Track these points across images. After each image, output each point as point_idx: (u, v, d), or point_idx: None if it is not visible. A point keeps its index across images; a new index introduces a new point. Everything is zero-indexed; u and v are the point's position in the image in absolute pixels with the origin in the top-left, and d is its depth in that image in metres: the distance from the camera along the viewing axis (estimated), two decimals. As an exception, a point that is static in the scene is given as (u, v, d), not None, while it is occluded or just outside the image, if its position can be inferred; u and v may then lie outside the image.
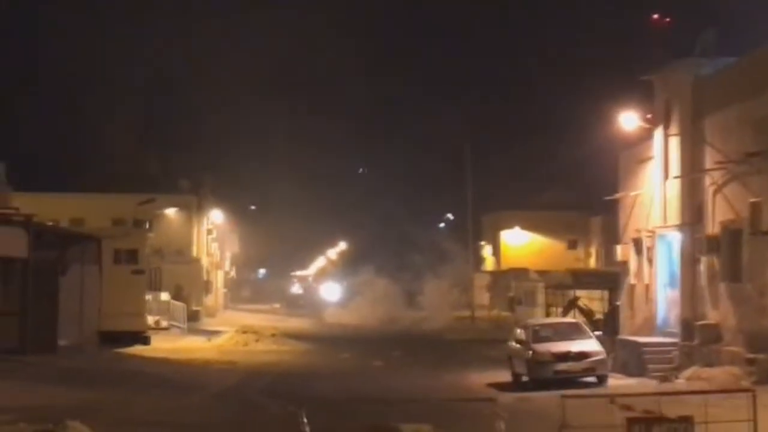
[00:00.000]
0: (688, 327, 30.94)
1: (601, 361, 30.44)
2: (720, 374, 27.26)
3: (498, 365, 39.01)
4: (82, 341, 39.94)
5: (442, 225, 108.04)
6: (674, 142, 32.33)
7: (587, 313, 54.43)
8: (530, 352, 30.92)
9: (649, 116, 34.76)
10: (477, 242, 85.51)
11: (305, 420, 16.88)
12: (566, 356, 30.27)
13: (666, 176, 33.13)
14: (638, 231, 36.18)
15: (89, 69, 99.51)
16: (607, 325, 39.84)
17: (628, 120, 34.56)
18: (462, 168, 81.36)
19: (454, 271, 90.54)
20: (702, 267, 30.58)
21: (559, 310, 58.79)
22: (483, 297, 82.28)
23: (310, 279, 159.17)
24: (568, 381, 29.87)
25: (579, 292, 58.62)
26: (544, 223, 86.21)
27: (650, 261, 35.14)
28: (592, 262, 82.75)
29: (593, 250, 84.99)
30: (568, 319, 36.90)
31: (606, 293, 60.33)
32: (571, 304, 56.33)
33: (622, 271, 38.40)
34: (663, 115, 33.17)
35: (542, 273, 71.11)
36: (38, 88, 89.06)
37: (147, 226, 51.28)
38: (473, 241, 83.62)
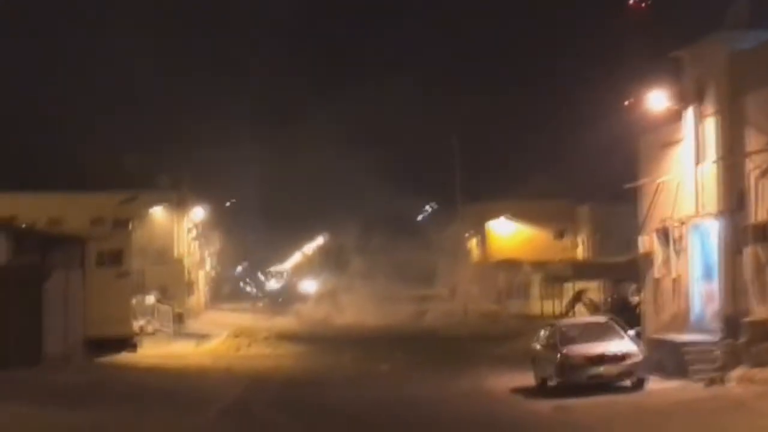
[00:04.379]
0: (731, 324, 28.51)
1: (639, 364, 28.01)
2: (778, 376, 24.93)
3: (510, 365, 36.93)
4: (68, 351, 37.34)
5: (420, 217, 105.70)
6: (709, 123, 29.93)
7: (592, 307, 52.33)
8: (559, 355, 28.47)
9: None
10: (462, 234, 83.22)
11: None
12: (601, 359, 27.82)
13: (699, 160, 30.74)
14: (664, 220, 33.74)
15: (65, 64, 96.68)
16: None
17: (656, 100, 32.04)
18: (446, 157, 79.35)
19: (439, 265, 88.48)
20: (746, 258, 28.17)
21: (557, 302, 56.84)
22: (470, 290, 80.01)
23: (286, 274, 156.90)
24: (602, 386, 27.58)
25: (579, 285, 56.91)
26: (531, 212, 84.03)
27: (679, 253, 32.75)
28: (580, 252, 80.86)
29: (581, 240, 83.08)
30: (598, 317, 34.41)
31: (604, 285, 59.29)
32: (576, 298, 54.28)
33: (644, 263, 35.94)
34: (694, 93, 30.76)
35: (536, 264, 69.08)
36: (12, 82, 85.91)
37: (130, 226, 48.65)
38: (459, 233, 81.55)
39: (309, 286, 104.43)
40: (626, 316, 37.61)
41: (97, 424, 21.90)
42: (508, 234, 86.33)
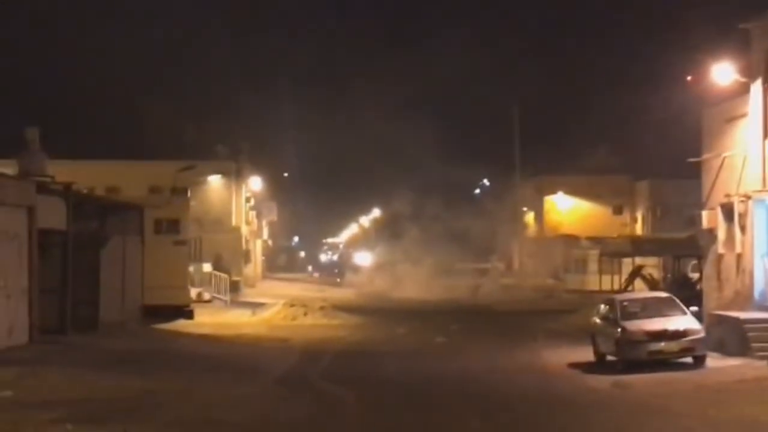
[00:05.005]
0: (795, 301, 27.94)
1: (700, 340, 27.51)
2: None
3: (567, 340, 36.63)
4: (125, 318, 37.46)
5: (477, 191, 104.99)
6: (778, 97, 29.22)
7: (652, 283, 51.67)
8: (620, 330, 28.00)
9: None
10: (520, 208, 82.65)
11: None
12: (662, 335, 27.34)
13: (766, 135, 30.03)
14: (728, 196, 33.06)
15: (125, 36, 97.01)
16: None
17: (722, 73, 31.29)
18: (505, 131, 78.69)
19: (495, 238, 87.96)
20: (813, 235, 27.52)
21: (616, 278, 56.19)
22: (526, 264, 79.53)
23: (341, 246, 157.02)
24: (662, 362, 27.10)
25: (639, 260, 56.21)
26: (589, 187, 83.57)
27: (743, 228, 32.07)
28: (639, 228, 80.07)
29: (639, 215, 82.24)
30: (659, 292, 33.84)
31: (663, 261, 58.48)
32: (635, 273, 53.61)
33: (706, 238, 35.27)
34: (762, 66, 30.03)
35: (594, 240, 68.42)
36: (71, 55, 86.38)
37: (188, 194, 48.63)
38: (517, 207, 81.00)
39: (364, 258, 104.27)
40: (686, 292, 37.11)
41: (149, 391, 21.79)
42: (565, 209, 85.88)
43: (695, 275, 47.12)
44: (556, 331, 41.66)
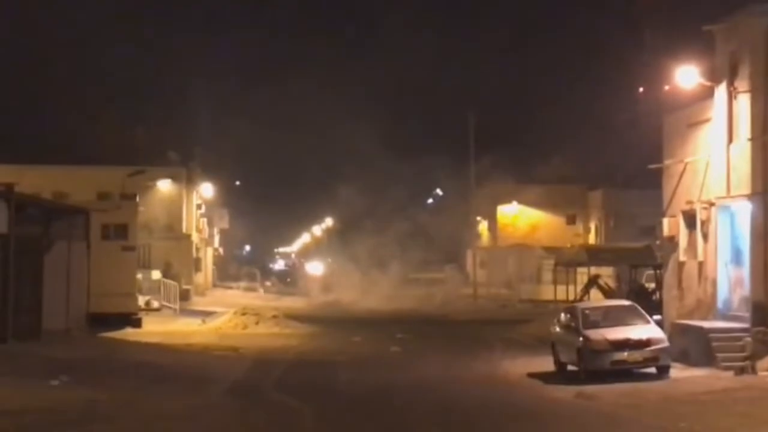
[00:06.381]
0: (760, 310, 27.25)
1: (664, 350, 26.84)
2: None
3: (524, 349, 36.03)
4: (69, 326, 36.19)
5: (430, 201, 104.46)
6: (743, 101, 28.53)
7: (608, 292, 51.08)
8: (582, 339, 27.24)
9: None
10: (473, 217, 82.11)
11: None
12: (625, 344, 26.64)
13: (731, 139, 29.38)
14: (690, 202, 32.41)
15: (72, 39, 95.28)
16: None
17: (685, 77, 30.59)
18: (460, 139, 78.10)
19: (449, 247, 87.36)
20: (779, 242, 26.87)
21: (570, 288, 55.59)
22: (478, 274, 78.91)
23: (293, 255, 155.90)
24: (625, 372, 26.38)
25: (594, 270, 55.65)
26: (542, 197, 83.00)
27: (705, 236, 31.43)
28: (592, 238, 79.70)
29: (593, 225, 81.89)
30: (621, 301, 33.14)
31: (617, 271, 58.01)
32: (591, 283, 53.00)
33: (667, 246, 34.63)
34: (727, 70, 29.38)
35: (550, 249, 67.86)
36: (15, 57, 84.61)
37: (137, 199, 47.39)
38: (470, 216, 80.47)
39: (317, 267, 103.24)
40: (643, 302, 36.33)
41: (93, 401, 20.66)
42: (518, 218, 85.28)
43: (651, 285, 46.66)
44: (513, 340, 41.06)
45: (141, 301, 46.03)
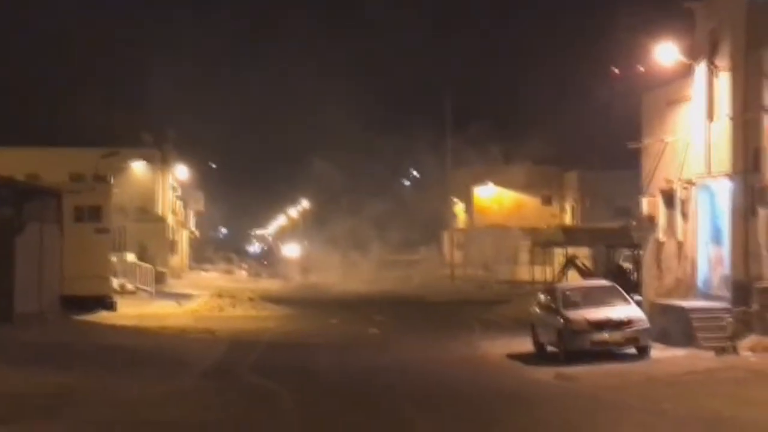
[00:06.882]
0: (741, 290, 27.02)
1: (644, 330, 26.59)
2: (795, 345, 23.44)
3: (502, 330, 35.86)
4: (42, 308, 35.60)
5: (407, 182, 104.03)
6: (723, 78, 28.25)
7: (586, 273, 50.87)
8: (561, 320, 26.96)
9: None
10: (449, 198, 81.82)
11: None
12: (605, 324, 26.37)
13: (711, 118, 29.11)
14: (669, 182, 32.22)
15: (46, 20, 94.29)
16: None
17: (664, 54, 30.28)
18: (434, 122, 77.78)
19: (426, 228, 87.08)
20: (760, 221, 26.58)
21: (548, 269, 55.37)
22: (455, 255, 78.69)
23: (269, 238, 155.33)
24: (605, 353, 26.12)
25: (571, 251, 55.41)
26: (518, 178, 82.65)
27: (685, 215, 31.21)
28: (568, 219, 79.56)
29: (568, 206, 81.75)
30: (601, 281, 32.86)
31: (594, 252, 57.77)
32: (569, 263, 52.80)
33: (646, 226, 34.37)
34: (707, 47, 29.09)
35: (527, 230, 67.61)
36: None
37: (110, 181, 46.73)
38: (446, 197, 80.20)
39: (293, 249, 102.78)
40: (620, 282, 36.17)
41: (65, 386, 20.20)
42: (494, 199, 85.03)
43: (628, 265, 46.51)
44: (491, 321, 40.81)
45: (115, 283, 45.42)
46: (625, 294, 28.18)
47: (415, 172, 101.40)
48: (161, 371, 24.08)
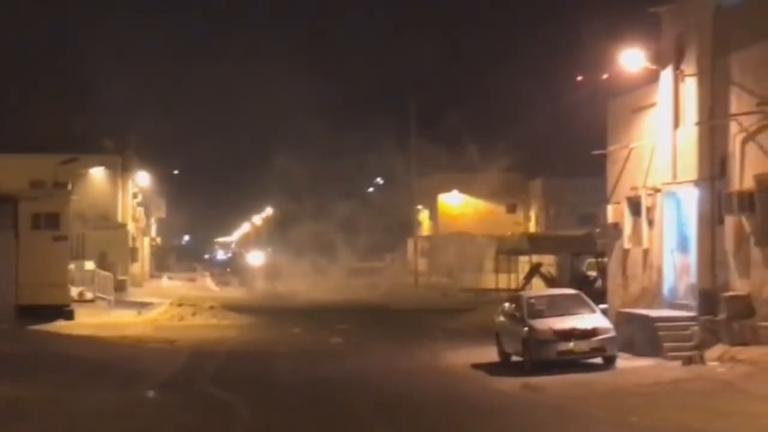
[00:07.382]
0: (707, 299, 26.69)
1: (611, 340, 26.24)
2: (762, 355, 23.10)
3: (466, 339, 35.42)
4: (-3, 318, 34.89)
5: (371, 189, 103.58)
6: (690, 84, 27.96)
7: (551, 281, 50.59)
8: (527, 329, 26.56)
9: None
10: (413, 206, 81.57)
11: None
12: (571, 334, 25.99)
13: (677, 124, 28.82)
14: (635, 189, 31.89)
15: (4, 24, 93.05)
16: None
17: (629, 60, 29.95)
18: (399, 124, 77.54)
19: (390, 236, 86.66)
20: (727, 229, 26.31)
21: (512, 276, 55.07)
22: (419, 263, 78.36)
23: (233, 245, 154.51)
24: (571, 363, 25.74)
25: (535, 259, 55.12)
26: (483, 186, 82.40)
27: (651, 222, 30.90)
28: (532, 226, 79.40)
29: (533, 214, 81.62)
30: (567, 290, 32.48)
31: (558, 259, 57.56)
32: (534, 271, 52.49)
33: (611, 234, 34.05)
34: (674, 53, 28.81)
35: (491, 237, 67.33)
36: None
37: (69, 187, 46.03)
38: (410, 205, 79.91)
39: (256, 257, 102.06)
40: (584, 290, 35.82)
41: (15, 398, 19.56)
42: (458, 207, 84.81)
43: (592, 273, 46.28)
44: (455, 330, 40.42)
45: (74, 292, 44.69)
46: (591, 303, 27.82)
47: (379, 179, 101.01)
48: (118, 382, 23.51)
